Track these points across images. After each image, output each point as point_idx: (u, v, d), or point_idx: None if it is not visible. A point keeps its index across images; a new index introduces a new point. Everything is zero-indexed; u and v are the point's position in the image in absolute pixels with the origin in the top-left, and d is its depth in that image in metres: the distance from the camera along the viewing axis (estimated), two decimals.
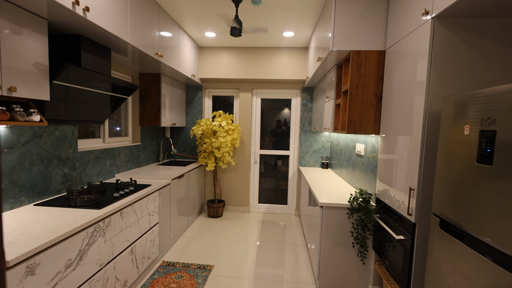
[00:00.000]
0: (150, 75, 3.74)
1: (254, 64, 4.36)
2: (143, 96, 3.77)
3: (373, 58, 2.32)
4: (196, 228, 3.96)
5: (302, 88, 4.52)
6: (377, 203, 2.28)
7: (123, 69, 3.42)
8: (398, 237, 1.79)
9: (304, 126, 4.53)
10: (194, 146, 4.75)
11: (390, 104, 2.12)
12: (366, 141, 2.70)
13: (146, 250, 2.59)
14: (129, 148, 3.49)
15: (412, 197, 1.69)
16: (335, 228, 2.40)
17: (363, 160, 2.75)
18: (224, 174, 4.73)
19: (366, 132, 2.35)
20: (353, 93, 2.34)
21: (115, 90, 2.58)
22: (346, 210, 2.38)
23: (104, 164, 2.98)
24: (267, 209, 4.81)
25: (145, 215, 2.56)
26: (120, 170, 3.29)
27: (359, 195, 2.36)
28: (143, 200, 2.51)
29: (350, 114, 2.35)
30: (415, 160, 1.69)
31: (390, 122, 2.10)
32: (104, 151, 2.99)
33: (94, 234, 1.82)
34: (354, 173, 3.03)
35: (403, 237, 1.77)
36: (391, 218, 1.99)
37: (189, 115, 4.73)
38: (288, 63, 4.32)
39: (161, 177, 3.13)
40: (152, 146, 4.17)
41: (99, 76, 2.22)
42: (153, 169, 3.61)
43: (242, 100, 4.63)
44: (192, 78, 4.15)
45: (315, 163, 4.53)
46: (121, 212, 2.15)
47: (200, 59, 4.45)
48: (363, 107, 2.34)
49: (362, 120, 2.35)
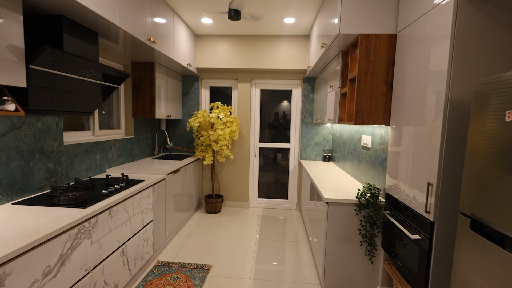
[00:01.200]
0: (143, 64, 3.53)
1: (253, 53, 4.16)
2: (136, 86, 3.57)
3: (383, 42, 2.13)
4: (193, 224, 3.80)
5: (303, 79, 4.33)
6: (386, 199, 2.12)
7: (114, 57, 3.22)
8: (414, 236, 1.63)
9: (305, 118, 4.35)
10: (191, 139, 4.57)
11: (402, 92, 1.94)
12: (374, 133, 2.53)
13: (139, 250, 2.43)
14: (121, 141, 3.30)
15: (430, 193, 1.52)
16: (342, 225, 2.24)
17: (370, 152, 2.58)
18: (222, 168, 4.56)
19: (375, 122, 2.17)
20: (362, 81, 2.16)
21: (104, 78, 2.38)
22: (354, 207, 2.22)
23: (93, 158, 2.79)
24: (267, 204, 4.65)
25: (137, 213, 2.39)
26: (111, 164, 3.11)
27: (368, 190, 2.20)
28: (135, 197, 2.34)
29: (358, 103, 2.17)
30: (433, 152, 1.52)
31: (402, 112, 1.92)
32: (94, 144, 2.80)
33: (79, 236, 1.65)
34: (359, 166, 2.86)
35: (419, 237, 1.61)
36: (403, 215, 1.83)
37: (185, 106, 4.53)
38: (289, 52, 4.11)
39: (156, 172, 2.95)
40: (147, 139, 3.98)
41: (84, 62, 2.02)
42: (147, 164, 3.43)
43: (240, 91, 4.44)
44: (188, 68, 3.94)
45: (317, 156, 4.37)
46: (110, 210, 1.97)
47: (197, 47, 4.24)
48: (372, 96, 2.16)
49: (371, 110, 2.17)
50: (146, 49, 2.87)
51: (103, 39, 2.55)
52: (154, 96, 3.55)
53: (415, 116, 1.74)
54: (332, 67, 2.98)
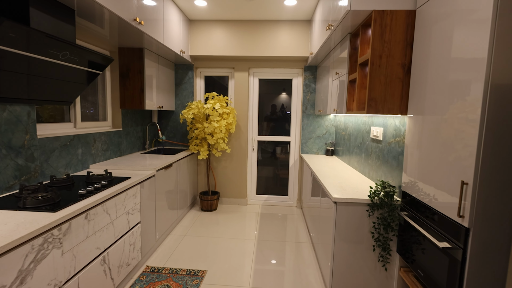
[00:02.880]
0: (132, 50, 3.24)
1: (251, 40, 3.86)
2: (123, 75, 3.28)
3: (400, 20, 1.86)
4: (187, 224, 3.54)
5: (305, 67, 4.05)
6: (403, 198, 1.87)
7: (99, 41, 2.92)
8: (442, 244, 1.38)
9: (307, 109, 4.08)
10: (185, 132, 4.29)
11: (423, 77, 1.67)
12: (386, 124, 2.27)
13: (124, 256, 2.17)
14: (107, 134, 3.02)
15: (465, 194, 1.27)
16: (352, 228, 1.99)
17: (382, 146, 2.32)
18: (218, 163, 4.30)
19: (390, 111, 1.91)
20: (375, 64, 1.89)
21: (82, 62, 2.09)
22: (365, 207, 1.97)
23: (74, 153, 2.52)
24: (266, 201, 4.41)
25: (122, 214, 2.13)
26: (96, 160, 2.84)
27: (381, 188, 1.95)
28: (119, 196, 2.08)
29: (370, 90, 1.91)
30: (469, 145, 1.26)
31: (424, 99, 1.66)
32: (75, 137, 2.52)
33: (45, 247, 1.39)
34: (368, 161, 2.61)
35: (448, 245, 1.36)
36: (425, 218, 1.59)
37: (178, 97, 4.24)
38: (289, 38, 3.82)
39: (145, 168, 2.68)
40: (137, 132, 3.70)
41: (57, 42, 1.74)
42: (136, 159, 3.16)
43: (237, 81, 4.15)
44: (181, 55, 3.65)
45: (319, 149, 4.11)
46: (87, 214, 1.71)
47: (191, 33, 3.94)
48: (387, 81, 1.89)
49: (386, 97, 1.91)
50: (132, 32, 2.58)
51: (84, 21, 2.26)
52: (143, 85, 3.26)
53: (442, 104, 1.48)
54: (338, 52, 2.71)
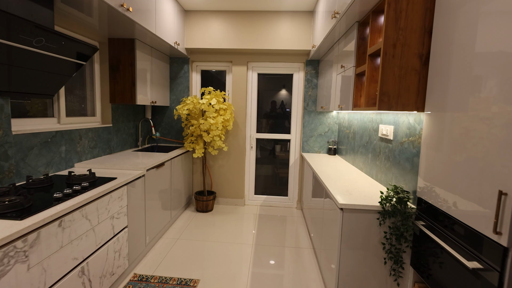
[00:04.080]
0: (122, 40, 3.02)
1: (250, 32, 3.64)
2: (114, 67, 3.06)
3: (417, 4, 1.65)
4: (181, 225, 3.34)
5: (306, 61, 3.83)
6: (418, 205, 1.67)
7: (87, 31, 2.70)
8: (471, 264, 1.19)
9: (308, 106, 3.87)
10: (180, 129, 4.08)
11: (445, 68, 1.47)
12: (397, 121, 2.07)
13: (108, 265, 1.97)
14: (95, 130, 2.81)
15: (503, 206, 1.07)
16: (360, 238, 1.79)
17: (392, 146, 2.12)
18: (215, 161, 4.09)
19: (405, 107, 1.71)
20: (389, 54, 1.68)
21: (62, 50, 1.88)
22: (376, 214, 1.77)
23: (56, 151, 2.31)
24: (265, 201, 4.21)
25: (105, 219, 1.92)
26: (82, 158, 2.63)
27: (394, 193, 1.74)
28: (101, 199, 1.87)
29: (383, 83, 1.70)
30: (510, 149, 1.06)
31: (446, 94, 1.46)
32: (57, 134, 2.31)
33: (5, 262, 1.18)
34: (375, 162, 2.41)
35: (480, 265, 1.16)
36: (446, 228, 1.39)
37: (173, 92, 4.03)
38: (290, 30, 3.61)
39: (134, 167, 2.48)
40: (128, 129, 3.49)
41: (27, 26, 1.52)
42: (127, 157, 2.95)
43: (235, 75, 3.93)
44: (176, 48, 3.43)
45: (321, 148, 3.91)
46: (61, 220, 1.50)
47: (186, 25, 3.71)
48: (402, 74, 1.69)
49: (400, 92, 1.70)
50: (121, 20, 2.36)
51: (67, 7, 2.05)
52: (135, 79, 3.05)
53: (471, 100, 1.27)
54: (344, 43, 2.50)
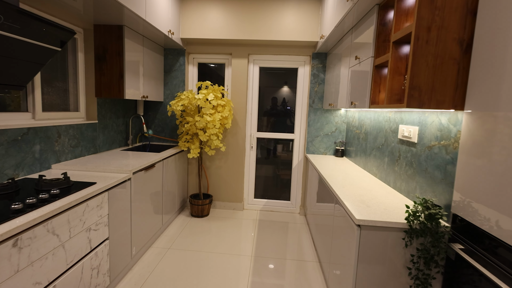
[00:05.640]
0: (109, 27, 2.71)
1: (252, 21, 3.34)
2: (100, 57, 2.76)
3: None
4: (173, 233, 3.05)
5: (313, 54, 3.53)
6: (453, 223, 1.38)
7: (71, 17, 2.40)
8: None
9: (314, 103, 3.57)
10: (175, 127, 3.78)
11: (499, 57, 1.17)
12: (424, 121, 1.77)
13: (83, 285, 1.68)
14: (77, 127, 2.51)
15: None
16: (380, 260, 1.50)
17: (416, 150, 1.82)
18: (212, 162, 3.79)
19: (440, 105, 1.41)
20: (421, 39, 1.38)
21: (30, 33, 1.58)
22: (401, 233, 1.48)
23: (29, 151, 2.01)
24: (265, 206, 3.92)
25: (79, 232, 1.63)
26: (61, 158, 2.33)
27: (423, 208, 1.45)
28: (75, 210, 1.58)
29: (413, 75, 1.40)
30: None
31: (499, 89, 1.16)
32: (30, 131, 2.02)
33: None
34: (394, 167, 2.11)
35: None
36: (490, 254, 1.10)
37: (168, 87, 3.72)
38: (296, 19, 3.30)
39: (119, 169, 2.18)
40: (117, 126, 3.19)
41: None
42: (114, 157, 2.65)
43: (235, 69, 3.63)
44: (170, 37, 3.12)
45: (327, 149, 3.61)
46: (17, 239, 1.21)
47: (182, 13, 3.40)
48: (437, 63, 1.39)
49: (434, 85, 1.40)
50: (107, 3, 2.07)
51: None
52: (123, 70, 2.74)
53: None
54: (360, 30, 2.19)
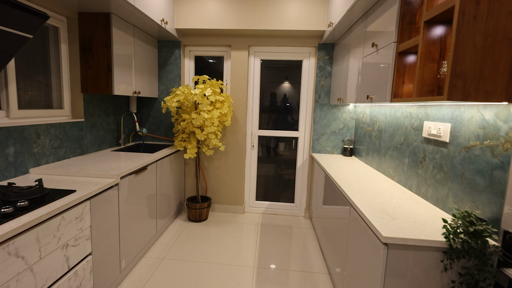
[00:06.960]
0: (95, 15, 2.44)
1: (253, 10, 3.06)
2: (85, 48, 2.49)
3: None
4: (168, 240, 2.80)
5: (319, 45, 3.26)
6: (503, 242, 1.13)
7: (52, 3, 2.13)
8: None
9: (320, 98, 3.31)
10: (170, 125, 3.52)
11: None
12: (459, 117, 1.51)
13: None
14: (60, 126, 2.25)
15: None
16: (412, 285, 1.25)
17: (448, 151, 1.57)
18: (210, 162, 3.53)
19: (489, 97, 1.15)
20: (468, 14, 1.12)
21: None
22: (438, 253, 1.22)
23: (1, 153, 1.75)
24: (268, 209, 3.66)
25: (53, 251, 1.37)
26: (41, 161, 2.07)
27: (467, 223, 1.20)
28: (46, 225, 1.32)
29: (457, 60, 1.14)
30: None
31: None
32: (2, 131, 1.75)
33: None
34: (417, 170, 1.85)
35: None
36: None
37: (162, 81, 3.45)
38: (300, 6, 3.02)
39: (106, 174, 1.92)
40: (108, 124, 2.92)
41: None
42: (102, 159, 2.39)
43: (235, 62, 3.36)
44: (163, 27, 2.85)
45: (334, 148, 3.36)
46: None
47: (177, 1, 3.13)
48: (487, 45, 1.12)
49: (483, 73, 1.14)
50: None
51: None
52: (111, 63, 2.47)
53: None
54: (378, 13, 1.93)
